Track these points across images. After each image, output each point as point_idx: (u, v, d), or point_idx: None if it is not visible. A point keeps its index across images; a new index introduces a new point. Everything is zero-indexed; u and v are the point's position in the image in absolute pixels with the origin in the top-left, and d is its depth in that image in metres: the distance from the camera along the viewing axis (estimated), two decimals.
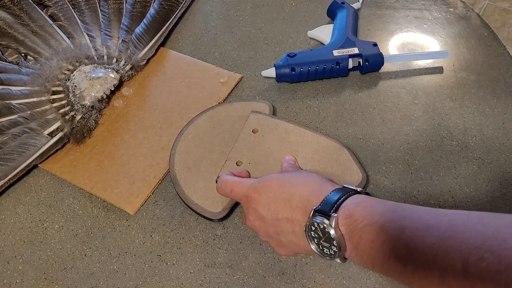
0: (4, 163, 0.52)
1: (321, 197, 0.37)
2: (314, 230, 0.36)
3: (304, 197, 0.38)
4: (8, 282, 0.46)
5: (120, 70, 0.61)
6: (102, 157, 0.54)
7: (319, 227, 0.35)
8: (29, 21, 0.66)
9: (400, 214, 0.33)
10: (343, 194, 0.36)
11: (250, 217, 0.42)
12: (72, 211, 0.51)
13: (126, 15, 0.67)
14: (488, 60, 0.62)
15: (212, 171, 0.50)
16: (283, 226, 0.39)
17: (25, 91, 0.59)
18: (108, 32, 0.66)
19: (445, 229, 0.29)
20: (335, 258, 0.36)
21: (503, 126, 0.54)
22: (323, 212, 0.35)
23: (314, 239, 0.37)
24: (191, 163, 0.51)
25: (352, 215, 0.34)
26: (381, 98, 0.58)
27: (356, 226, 0.34)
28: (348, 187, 0.38)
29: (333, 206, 0.35)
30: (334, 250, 0.35)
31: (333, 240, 0.34)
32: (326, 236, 0.35)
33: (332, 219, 0.34)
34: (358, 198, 0.36)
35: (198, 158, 0.51)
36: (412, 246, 0.30)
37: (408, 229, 0.31)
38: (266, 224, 0.40)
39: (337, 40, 0.61)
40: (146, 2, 0.68)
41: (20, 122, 0.55)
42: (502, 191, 0.49)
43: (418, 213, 0.32)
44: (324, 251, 0.36)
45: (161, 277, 0.45)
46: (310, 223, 0.36)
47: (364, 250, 0.33)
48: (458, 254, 0.27)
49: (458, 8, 0.69)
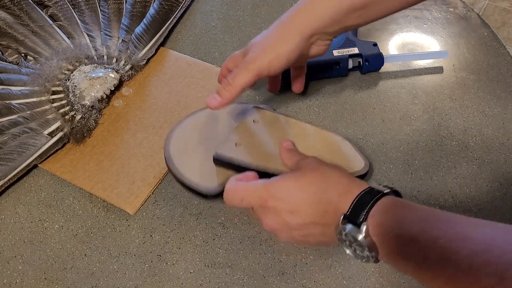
0: (4, 163, 0.52)
1: (349, 200, 0.36)
2: (345, 235, 0.35)
3: (332, 202, 0.37)
4: (8, 282, 0.46)
5: (120, 70, 0.61)
6: (102, 157, 0.54)
7: (350, 234, 0.35)
8: (29, 21, 0.66)
9: (432, 223, 0.32)
10: (371, 198, 0.35)
11: (270, 222, 0.39)
12: (72, 211, 0.51)
13: (126, 15, 0.67)
14: (488, 60, 0.62)
15: (209, 153, 0.48)
16: (311, 230, 0.38)
17: (25, 91, 0.59)
18: (108, 32, 0.66)
19: (481, 241, 0.29)
20: (369, 262, 0.35)
21: (503, 126, 0.54)
22: (353, 220, 0.35)
23: (346, 242, 0.36)
24: (188, 146, 0.50)
25: (382, 224, 0.34)
26: (381, 98, 0.58)
27: (387, 236, 0.33)
28: (374, 188, 0.37)
29: (362, 213, 0.34)
30: (366, 254, 0.35)
31: (365, 247, 0.34)
32: (358, 242, 0.34)
33: (362, 228, 0.34)
34: (387, 203, 0.35)
35: (195, 143, 0.51)
36: (445, 257, 0.29)
37: (441, 239, 0.30)
38: (290, 228, 0.38)
39: (337, 40, 0.61)
40: (146, 2, 0.68)
41: (20, 122, 0.55)
42: (502, 191, 0.49)
43: (452, 223, 0.31)
44: (357, 253, 0.35)
45: (161, 277, 0.45)
46: (341, 229, 0.35)
47: (396, 258, 0.33)
48: (495, 268, 0.27)
49: (458, 8, 0.69)
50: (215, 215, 0.49)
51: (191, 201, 0.50)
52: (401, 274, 0.44)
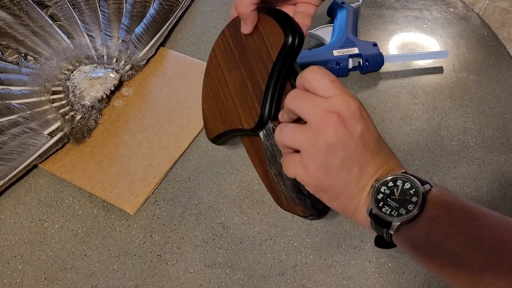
0: (4, 163, 0.52)
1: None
2: (390, 187, 0.32)
3: (389, 159, 0.35)
4: (8, 282, 0.46)
5: (120, 70, 0.61)
6: (102, 157, 0.54)
7: (403, 185, 0.32)
8: (29, 21, 0.66)
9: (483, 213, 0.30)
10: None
11: (312, 166, 0.33)
12: (72, 211, 0.51)
13: (126, 15, 0.67)
14: (488, 60, 0.62)
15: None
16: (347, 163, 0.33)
17: (25, 91, 0.59)
18: (108, 32, 0.66)
19: None
20: (393, 222, 0.31)
21: (503, 126, 0.54)
22: (416, 177, 0.32)
23: (379, 194, 0.32)
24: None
25: (446, 194, 0.31)
26: (381, 98, 0.58)
27: (452, 203, 0.30)
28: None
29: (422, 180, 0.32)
30: (400, 211, 0.31)
31: (413, 198, 0.31)
32: (404, 196, 0.31)
33: (427, 186, 0.32)
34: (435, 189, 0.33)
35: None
36: (501, 241, 0.27)
37: (501, 228, 0.28)
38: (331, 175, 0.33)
39: (337, 40, 0.61)
40: (146, 2, 0.68)
41: (20, 122, 0.55)
42: (502, 191, 0.49)
43: (497, 217, 0.30)
44: (383, 210, 0.32)
45: (161, 277, 0.45)
46: (397, 177, 0.32)
47: (438, 227, 0.30)
48: None
49: (458, 8, 0.69)
50: (215, 215, 0.49)
51: (191, 201, 0.50)
52: (401, 274, 0.44)
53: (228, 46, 0.43)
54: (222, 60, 0.44)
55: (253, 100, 0.40)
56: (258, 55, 0.39)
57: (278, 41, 0.37)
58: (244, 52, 0.41)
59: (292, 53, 0.37)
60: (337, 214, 0.48)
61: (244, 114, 0.41)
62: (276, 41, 0.37)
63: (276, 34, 0.37)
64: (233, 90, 0.43)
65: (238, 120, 0.42)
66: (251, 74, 0.40)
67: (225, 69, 0.44)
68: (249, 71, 0.41)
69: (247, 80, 0.41)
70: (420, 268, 0.44)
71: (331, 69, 0.59)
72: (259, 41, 0.39)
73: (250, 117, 0.40)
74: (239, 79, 0.42)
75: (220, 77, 0.44)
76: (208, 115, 0.47)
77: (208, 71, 0.46)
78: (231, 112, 0.43)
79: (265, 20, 0.39)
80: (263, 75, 0.39)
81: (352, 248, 0.46)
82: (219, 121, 0.45)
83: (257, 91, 0.39)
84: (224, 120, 0.44)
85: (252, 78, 0.40)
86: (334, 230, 0.47)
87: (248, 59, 0.41)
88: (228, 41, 0.44)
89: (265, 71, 0.38)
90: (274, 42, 0.38)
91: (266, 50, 0.38)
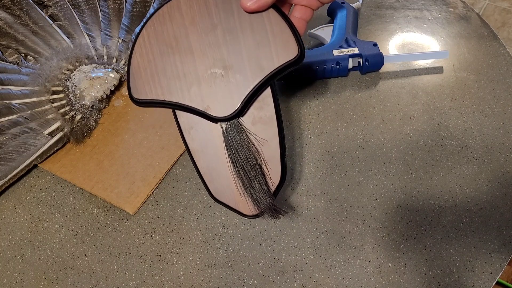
0: (4, 163, 0.52)
1: None
2: None
3: None
4: (8, 282, 0.46)
5: (120, 70, 0.61)
6: (102, 157, 0.54)
7: None
8: (29, 21, 0.66)
9: None
10: None
11: None
12: (72, 211, 0.51)
13: (126, 15, 0.67)
14: (488, 60, 0.62)
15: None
16: None
17: (25, 91, 0.59)
18: (108, 32, 0.66)
19: None
20: None
21: (503, 126, 0.54)
22: None
23: None
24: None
25: None
26: (381, 98, 0.58)
27: None
28: None
29: None
30: None
31: None
32: None
33: None
34: None
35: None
36: None
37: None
38: None
39: (337, 40, 0.61)
40: (146, 2, 0.68)
41: (20, 122, 0.55)
42: (502, 191, 0.49)
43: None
44: None
45: (161, 277, 0.45)
46: None
47: None
48: None
49: (458, 8, 0.69)
50: (215, 215, 0.49)
51: (191, 201, 0.50)
52: (401, 274, 0.44)
53: (205, 4, 0.37)
54: (190, 16, 0.37)
55: (231, 86, 0.36)
56: (254, 42, 0.36)
57: (289, 54, 0.36)
58: (229, 23, 0.36)
59: (291, 67, 0.36)
60: (337, 214, 0.48)
61: (210, 97, 0.37)
62: (287, 52, 0.36)
63: (288, 44, 0.36)
64: (200, 61, 0.37)
65: (198, 99, 0.37)
66: (234, 55, 0.36)
67: (191, 29, 0.37)
68: (231, 50, 0.36)
69: (226, 60, 0.36)
70: (420, 268, 0.44)
71: (331, 69, 0.59)
72: (259, 33, 0.36)
73: (220, 104, 0.37)
74: (213, 53, 0.36)
75: (180, 34, 0.37)
76: (141, 70, 0.38)
77: (161, 20, 0.38)
78: (187, 84, 0.37)
79: (275, 19, 0.36)
80: (252, 66, 0.36)
81: (352, 248, 0.46)
82: (162, 86, 0.38)
83: (238, 76, 0.36)
84: (172, 89, 0.37)
85: (235, 60, 0.36)
86: (334, 230, 0.47)
87: (236, 37, 0.36)
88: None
89: (258, 68, 0.36)
90: (282, 49, 0.36)
91: (268, 48, 0.36)
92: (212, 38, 0.37)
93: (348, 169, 0.52)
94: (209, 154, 0.39)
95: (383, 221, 0.47)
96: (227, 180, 0.40)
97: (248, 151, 0.38)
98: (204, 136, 0.39)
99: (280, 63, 0.36)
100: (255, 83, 0.36)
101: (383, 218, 0.47)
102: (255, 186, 0.39)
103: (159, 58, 0.37)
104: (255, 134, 0.39)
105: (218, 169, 0.40)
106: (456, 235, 0.46)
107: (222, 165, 0.40)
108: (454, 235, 0.46)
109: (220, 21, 0.37)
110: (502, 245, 0.45)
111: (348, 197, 0.49)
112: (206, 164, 0.40)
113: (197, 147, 0.40)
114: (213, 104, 0.37)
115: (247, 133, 0.38)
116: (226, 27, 0.37)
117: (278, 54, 0.36)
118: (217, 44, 0.37)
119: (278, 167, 0.39)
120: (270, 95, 0.38)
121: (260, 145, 0.39)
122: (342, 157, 0.53)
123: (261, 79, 0.36)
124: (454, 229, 0.46)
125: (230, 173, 0.40)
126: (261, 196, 0.39)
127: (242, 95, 0.37)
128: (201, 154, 0.40)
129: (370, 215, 0.48)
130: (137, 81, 0.38)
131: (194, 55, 0.37)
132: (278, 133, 0.39)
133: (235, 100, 0.37)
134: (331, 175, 0.51)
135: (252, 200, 0.39)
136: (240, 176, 0.39)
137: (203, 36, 0.37)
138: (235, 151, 0.38)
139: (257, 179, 0.39)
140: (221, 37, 0.37)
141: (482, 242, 0.45)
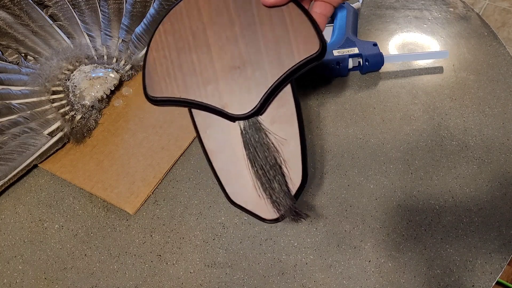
0: (4, 163, 0.52)
1: None
2: None
3: None
4: (8, 282, 0.46)
5: (120, 70, 0.61)
6: (102, 157, 0.54)
7: None
8: (29, 21, 0.66)
9: None
10: None
11: None
12: (72, 211, 0.51)
13: (126, 15, 0.67)
14: (488, 60, 0.62)
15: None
16: None
17: (25, 91, 0.59)
18: (108, 32, 0.66)
19: None
20: None
21: (503, 126, 0.54)
22: None
23: None
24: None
25: None
26: (381, 98, 0.58)
27: None
28: None
29: None
30: None
31: None
32: None
33: None
34: None
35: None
36: None
37: None
38: None
39: (337, 40, 0.61)
40: (146, 2, 0.68)
41: (20, 122, 0.55)
42: (502, 191, 0.49)
43: None
44: None
45: (161, 277, 0.45)
46: None
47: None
48: None
49: (458, 8, 0.69)
50: (215, 215, 0.49)
51: (191, 201, 0.50)
52: (401, 274, 0.44)
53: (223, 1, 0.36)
54: (207, 12, 0.36)
55: (249, 82, 0.36)
56: (273, 37, 0.35)
57: (310, 49, 0.35)
58: (247, 18, 0.35)
59: (312, 63, 0.35)
60: (337, 214, 0.48)
61: (228, 94, 0.36)
62: (308, 47, 0.35)
63: (309, 39, 0.35)
64: (217, 57, 0.36)
65: (215, 96, 0.36)
66: (252, 50, 0.35)
67: (209, 25, 0.36)
68: (249, 45, 0.35)
69: (245, 56, 0.35)
70: (420, 268, 0.44)
71: (331, 69, 0.59)
72: (279, 27, 0.35)
73: (238, 102, 0.36)
74: (230, 49, 0.35)
75: (197, 30, 0.37)
76: (157, 66, 0.37)
77: (178, 16, 0.38)
78: (203, 81, 0.36)
79: (295, 13, 0.35)
80: (271, 61, 0.35)
81: (352, 248, 0.46)
82: (178, 83, 0.37)
83: (257, 73, 0.35)
84: (188, 86, 0.37)
85: (254, 56, 0.35)
86: (334, 230, 0.47)
87: (254, 31, 0.35)
88: None
89: (277, 63, 0.35)
90: (303, 44, 0.35)
91: (288, 43, 0.35)
92: (230, 34, 0.36)
93: (348, 169, 0.52)
94: (226, 154, 0.38)
95: (383, 221, 0.47)
96: (245, 181, 0.38)
97: (267, 150, 0.37)
98: (221, 136, 0.38)
99: (301, 58, 0.35)
100: (274, 79, 0.35)
101: (383, 218, 0.47)
102: (274, 186, 0.37)
103: (176, 54, 0.37)
104: (275, 133, 0.37)
105: (236, 170, 0.38)
106: (456, 235, 0.46)
107: (240, 165, 0.38)
108: (454, 235, 0.46)
109: (238, 16, 0.36)
110: (502, 245, 0.45)
111: (348, 197, 0.49)
112: (223, 165, 0.39)
113: (214, 147, 0.38)
114: (231, 102, 0.36)
115: (266, 132, 0.37)
116: (245, 22, 0.36)
117: (298, 49, 0.35)
118: (235, 39, 0.36)
119: (299, 168, 0.37)
120: (290, 92, 0.36)
121: (279, 145, 0.37)
122: (342, 157, 0.53)
123: (281, 76, 0.35)
124: (454, 229, 0.46)
125: (248, 173, 0.38)
126: (281, 198, 0.37)
127: (261, 92, 0.35)
128: (218, 155, 0.38)
129: (370, 215, 0.48)
130: (153, 78, 0.37)
131: (212, 51, 0.36)
132: (299, 132, 0.37)
133: (254, 97, 0.35)
134: (331, 175, 0.51)
135: (271, 201, 0.37)
136: (259, 176, 0.37)
137: (220, 31, 0.36)
138: (253, 150, 0.37)
139: (276, 179, 0.37)
140: (239, 32, 0.36)
141: (482, 242, 0.45)
